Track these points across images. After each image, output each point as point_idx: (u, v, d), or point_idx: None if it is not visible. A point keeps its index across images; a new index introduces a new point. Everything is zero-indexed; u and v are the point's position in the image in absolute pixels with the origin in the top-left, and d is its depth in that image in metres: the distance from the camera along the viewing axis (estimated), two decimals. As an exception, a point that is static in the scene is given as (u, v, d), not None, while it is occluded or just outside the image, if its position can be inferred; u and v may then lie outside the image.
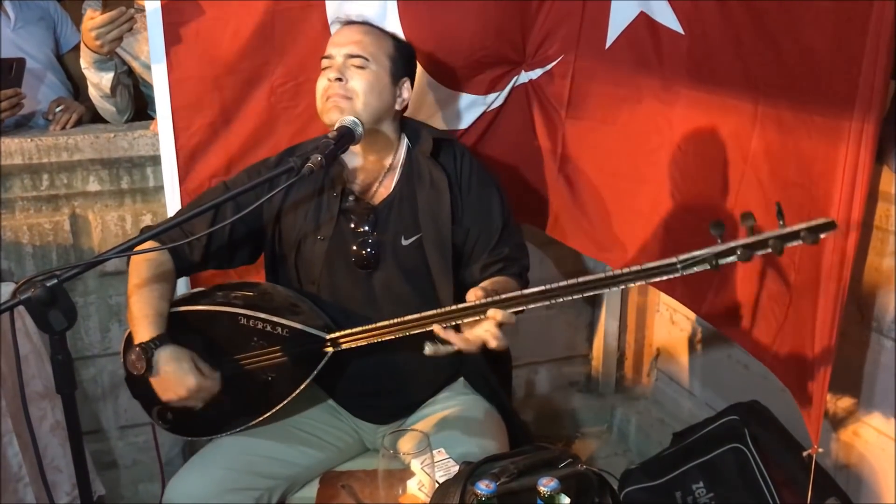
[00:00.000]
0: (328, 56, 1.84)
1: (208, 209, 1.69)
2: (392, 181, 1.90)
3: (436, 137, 1.93)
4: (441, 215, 1.88)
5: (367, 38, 1.84)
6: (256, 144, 2.18)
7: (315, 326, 1.78)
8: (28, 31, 2.66)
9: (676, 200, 2.18)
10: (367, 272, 1.87)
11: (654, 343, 3.18)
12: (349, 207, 1.87)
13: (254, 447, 1.80)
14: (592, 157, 2.38)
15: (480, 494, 1.33)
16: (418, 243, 1.88)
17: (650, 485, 2.46)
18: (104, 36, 2.13)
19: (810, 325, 1.81)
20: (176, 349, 1.68)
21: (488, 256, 1.91)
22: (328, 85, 1.81)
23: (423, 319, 1.66)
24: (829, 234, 1.47)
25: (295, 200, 1.89)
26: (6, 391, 2.08)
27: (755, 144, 1.92)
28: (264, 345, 1.76)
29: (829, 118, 1.71)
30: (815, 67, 1.72)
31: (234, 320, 1.76)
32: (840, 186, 1.69)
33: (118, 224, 2.47)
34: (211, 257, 1.89)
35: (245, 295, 1.83)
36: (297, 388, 1.78)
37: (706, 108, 2.03)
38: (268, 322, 1.75)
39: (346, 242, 1.87)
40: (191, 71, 2.09)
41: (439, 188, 1.89)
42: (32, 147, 2.33)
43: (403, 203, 1.89)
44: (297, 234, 1.88)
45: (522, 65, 2.38)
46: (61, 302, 1.37)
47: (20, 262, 2.42)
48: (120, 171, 2.43)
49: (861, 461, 2.17)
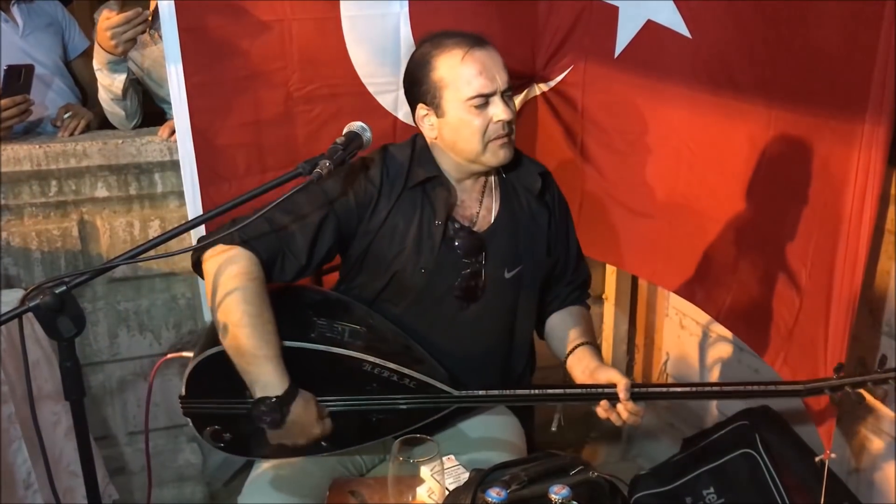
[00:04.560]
0: (485, 94, 1.66)
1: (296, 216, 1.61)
2: (492, 205, 1.80)
3: (541, 173, 1.83)
4: (539, 250, 1.82)
5: (503, 62, 1.69)
6: (275, 147, 2.18)
7: (438, 378, 1.70)
8: (36, 38, 2.66)
9: (692, 206, 2.18)
10: (463, 304, 1.78)
11: (663, 347, 3.16)
12: (453, 235, 1.75)
13: (315, 469, 1.72)
14: (613, 165, 2.38)
15: (491, 502, 1.33)
16: (518, 276, 1.80)
17: (660, 490, 2.44)
18: (119, 36, 2.14)
19: (823, 329, 1.80)
20: (305, 398, 1.57)
21: (569, 284, 1.92)
22: (495, 128, 1.67)
23: (565, 395, 1.70)
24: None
25: (393, 225, 1.74)
26: (15, 397, 2.08)
27: (770, 148, 1.91)
28: (382, 391, 1.67)
29: (842, 121, 1.70)
30: (828, 70, 1.72)
31: (356, 365, 1.65)
32: (853, 190, 1.68)
33: (126, 230, 2.47)
34: (300, 278, 1.74)
35: (355, 330, 1.70)
36: (398, 432, 1.67)
37: (719, 112, 2.03)
38: (396, 373, 1.66)
39: (449, 272, 1.75)
40: (207, 73, 2.08)
41: (539, 222, 1.82)
42: (41, 153, 2.33)
43: (507, 232, 1.80)
44: (395, 260, 1.74)
45: (534, 77, 2.37)
46: (70, 308, 1.36)
47: (28, 268, 2.42)
48: (128, 178, 2.43)
49: (872, 466, 2.15)
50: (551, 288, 1.92)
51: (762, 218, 1.99)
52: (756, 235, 2.01)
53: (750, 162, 1.97)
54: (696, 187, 2.16)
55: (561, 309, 1.93)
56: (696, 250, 2.19)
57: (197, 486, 2.72)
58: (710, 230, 2.12)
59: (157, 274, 2.51)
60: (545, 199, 1.85)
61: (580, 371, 1.74)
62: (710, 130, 2.07)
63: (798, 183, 1.85)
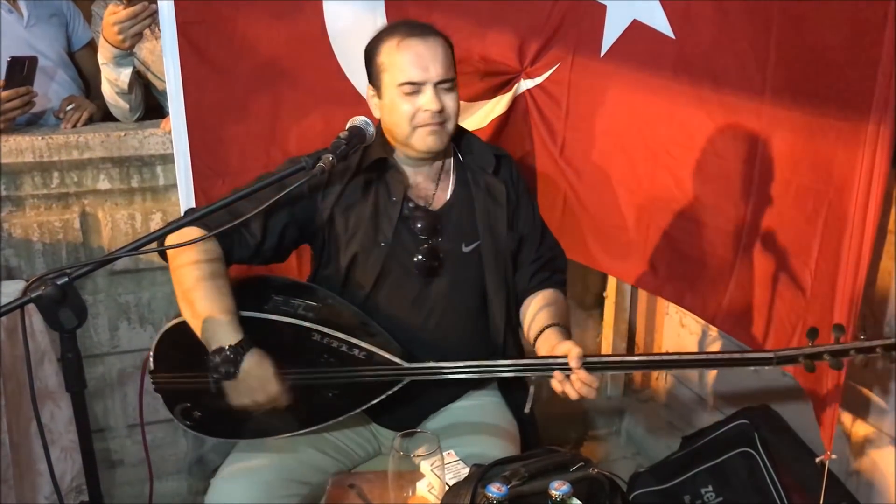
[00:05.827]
0: (415, 81, 1.73)
1: (247, 196, 1.60)
2: (449, 185, 1.88)
3: (497, 154, 1.91)
4: (499, 224, 1.87)
5: (448, 55, 1.77)
6: (269, 142, 2.18)
7: (392, 352, 1.73)
8: (41, 29, 2.66)
9: (680, 208, 2.15)
10: (426, 280, 1.83)
11: (663, 346, 3.16)
12: (409, 213, 1.83)
13: (293, 453, 1.76)
14: (592, 166, 2.35)
15: (491, 497, 1.33)
16: (477, 251, 1.86)
17: (659, 488, 2.45)
18: (126, 30, 2.15)
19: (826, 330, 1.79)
20: (262, 354, 1.61)
21: (535, 261, 1.93)
22: (423, 116, 1.74)
23: (515, 366, 1.70)
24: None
25: (347, 205, 1.82)
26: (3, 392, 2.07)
27: (763, 148, 1.90)
28: (335, 363, 1.72)
29: (846, 121, 1.69)
30: (830, 70, 1.71)
31: (305, 335, 1.70)
32: (856, 190, 1.68)
33: (128, 222, 2.47)
34: (259, 255, 1.81)
35: (311, 305, 1.75)
36: (357, 409, 1.75)
37: (704, 112, 2.01)
38: (345, 342, 1.71)
39: (408, 250, 1.82)
40: (204, 69, 2.09)
41: (497, 198, 1.87)
42: (43, 145, 2.33)
43: (463, 209, 1.87)
44: (353, 239, 1.81)
45: (521, 73, 2.37)
46: (72, 300, 1.37)
47: (30, 259, 2.43)
48: (130, 170, 2.43)
49: (873, 467, 2.15)
50: (520, 267, 1.94)
51: (761, 220, 1.97)
52: (755, 237, 1.99)
53: (747, 163, 1.95)
54: (681, 189, 2.13)
55: (535, 292, 1.93)
56: (683, 254, 2.15)
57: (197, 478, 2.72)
58: (700, 233, 2.10)
59: (158, 267, 2.50)
60: (502, 176, 1.91)
61: (546, 351, 1.75)
62: (695, 133, 2.04)
63: (801, 184, 1.84)
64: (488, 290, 1.88)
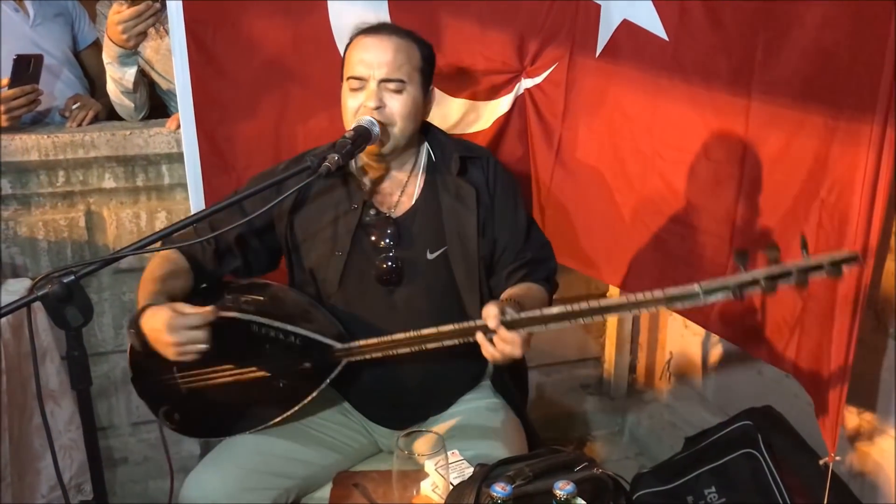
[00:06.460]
0: (359, 77, 1.72)
1: (211, 214, 1.60)
2: (414, 190, 1.84)
3: (463, 156, 1.85)
4: (467, 229, 1.82)
5: (400, 56, 1.72)
6: (276, 140, 2.20)
7: (328, 335, 1.75)
8: (46, 28, 2.67)
9: (671, 210, 2.14)
10: (389, 288, 1.81)
11: (666, 347, 3.16)
12: (369, 221, 1.81)
13: (270, 446, 1.79)
14: (585, 167, 2.34)
15: (496, 497, 1.33)
16: (444, 257, 1.83)
17: (662, 489, 2.44)
18: (131, 30, 2.16)
19: (828, 331, 1.79)
20: (156, 308, 1.60)
21: (514, 262, 1.87)
22: (363, 110, 1.72)
23: (439, 334, 1.66)
24: (849, 241, 1.45)
25: (308, 212, 1.83)
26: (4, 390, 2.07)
27: (754, 150, 1.89)
28: (275, 352, 1.74)
29: (846, 121, 1.69)
30: (833, 70, 1.70)
31: (245, 327, 1.72)
32: (860, 192, 1.67)
33: (133, 221, 2.47)
34: (223, 263, 1.84)
35: (255, 299, 1.79)
36: (308, 396, 1.76)
37: (696, 114, 2.00)
38: (280, 330, 1.72)
39: (367, 258, 1.80)
40: (212, 68, 2.10)
41: (466, 202, 1.82)
42: (49, 143, 2.34)
43: (427, 215, 1.82)
44: (314, 247, 1.82)
45: (522, 73, 2.36)
46: (78, 298, 1.37)
47: (35, 257, 2.43)
48: (135, 169, 2.44)
49: (877, 469, 2.15)
50: (498, 271, 1.88)
51: (752, 222, 1.96)
52: (746, 240, 1.98)
53: (738, 165, 1.94)
54: (672, 192, 2.12)
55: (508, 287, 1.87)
56: (674, 257, 2.15)
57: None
58: (691, 236, 2.08)
59: (163, 265, 2.51)
60: (472, 178, 1.85)
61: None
62: (687, 135, 2.03)
63: (793, 186, 1.83)
64: (462, 294, 1.84)
